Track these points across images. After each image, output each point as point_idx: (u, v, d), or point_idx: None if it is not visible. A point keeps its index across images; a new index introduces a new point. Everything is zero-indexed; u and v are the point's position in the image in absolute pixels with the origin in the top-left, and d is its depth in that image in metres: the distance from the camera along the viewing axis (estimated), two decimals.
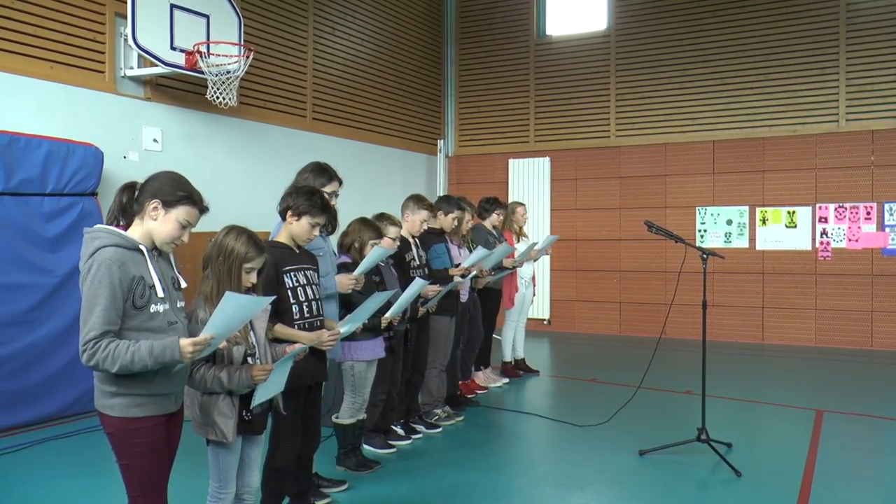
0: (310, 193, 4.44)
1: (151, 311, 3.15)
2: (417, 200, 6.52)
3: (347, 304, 5.09)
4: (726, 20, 12.27)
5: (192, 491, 4.47)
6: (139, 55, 7.99)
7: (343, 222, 5.43)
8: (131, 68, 8.09)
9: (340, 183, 5.18)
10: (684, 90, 12.54)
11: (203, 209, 3.31)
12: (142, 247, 3.20)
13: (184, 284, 3.39)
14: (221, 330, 3.13)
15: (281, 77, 10.33)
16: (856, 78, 11.48)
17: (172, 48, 8.03)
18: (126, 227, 3.26)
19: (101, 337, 3.01)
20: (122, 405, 3.13)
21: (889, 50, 11.28)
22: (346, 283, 5.08)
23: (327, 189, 5.01)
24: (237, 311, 3.14)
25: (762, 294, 12.00)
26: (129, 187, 3.30)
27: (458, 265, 7.07)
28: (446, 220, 7.16)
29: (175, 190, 3.23)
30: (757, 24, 12.06)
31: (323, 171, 5.10)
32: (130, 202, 3.27)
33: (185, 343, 3.03)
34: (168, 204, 3.21)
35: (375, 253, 5.27)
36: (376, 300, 4.48)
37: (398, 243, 6.01)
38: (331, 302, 4.96)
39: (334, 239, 5.42)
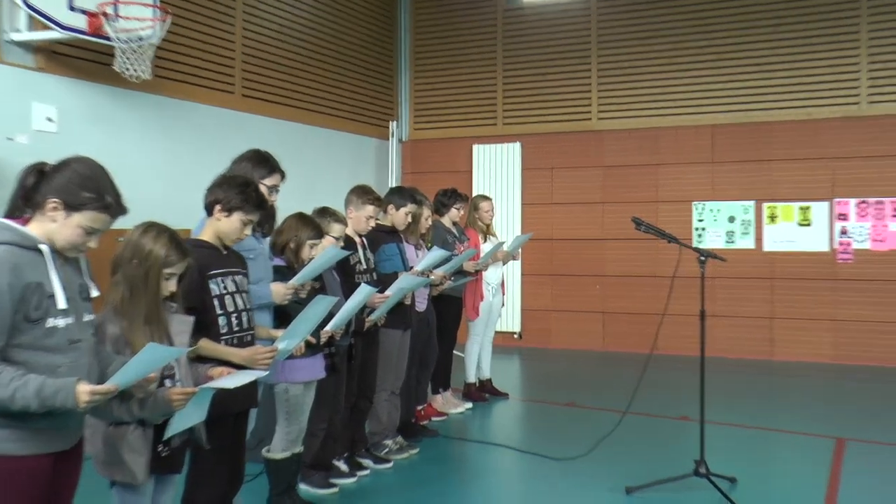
0: (243, 185, 4.42)
1: (49, 325, 3.01)
2: (363, 193, 6.50)
3: (284, 316, 5.07)
4: None
5: None
6: (29, 16, 7.85)
7: (280, 220, 5.41)
8: (18, 31, 7.93)
9: (283, 176, 5.16)
10: (678, 66, 12.66)
11: (116, 214, 3.19)
12: (42, 246, 3.05)
13: (94, 293, 3.29)
14: (131, 379, 3.10)
15: (204, 46, 10.25)
16: (880, 53, 11.66)
17: (71, 8, 7.89)
18: (28, 221, 3.11)
19: None
20: None
21: None
22: (283, 292, 5.05)
23: (268, 182, 5.00)
24: (157, 362, 3.15)
25: (771, 303, 12.14)
26: (38, 171, 3.14)
27: (411, 269, 7.07)
28: (398, 216, 7.15)
29: (80, 190, 3.08)
30: None
31: (264, 162, 5.09)
32: (37, 189, 3.12)
33: (84, 390, 2.93)
34: (70, 206, 3.06)
35: (326, 255, 5.25)
36: (318, 308, 4.45)
37: (342, 244, 6.00)
38: (264, 314, 4.93)
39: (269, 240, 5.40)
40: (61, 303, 3.05)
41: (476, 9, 13.97)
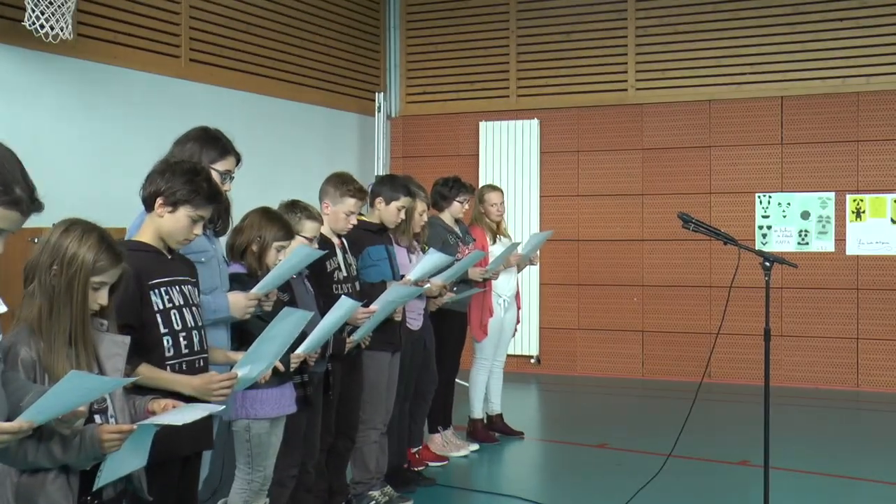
0: (191, 173, 4.43)
1: None
2: (341, 183, 6.50)
3: (244, 335, 5.10)
4: None
5: None
6: None
7: (237, 214, 5.44)
8: None
9: (238, 160, 5.20)
10: (739, 21, 12.69)
11: (28, 210, 3.14)
12: None
13: (2, 308, 3.28)
14: (50, 415, 3.11)
15: None
16: None
17: None
18: None
19: None
20: None
21: None
22: (243, 304, 5.07)
23: (219, 167, 5.03)
24: (83, 394, 3.15)
25: (856, 320, 12.17)
26: None
27: (403, 277, 7.10)
28: (389, 212, 7.15)
29: None
30: None
31: (214, 142, 5.11)
32: None
33: None
34: None
35: (297, 255, 5.28)
36: (287, 324, 4.47)
37: (317, 245, 6.03)
38: (219, 331, 4.96)
39: (224, 240, 5.44)
40: None
41: None
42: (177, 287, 4.40)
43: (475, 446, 8.96)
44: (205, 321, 4.59)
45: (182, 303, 4.38)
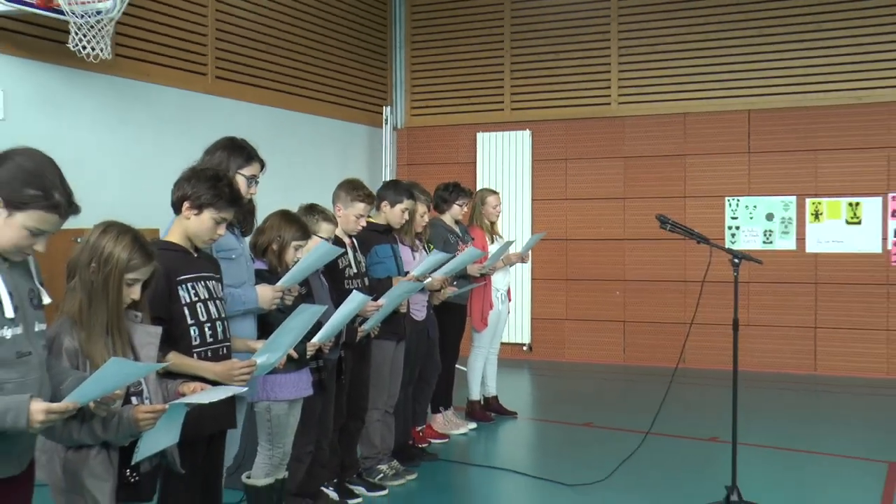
0: (214, 179, 4.43)
1: None
2: (352, 188, 6.52)
3: (265, 327, 5.10)
4: None
5: None
6: None
7: (259, 217, 5.44)
8: None
9: (263, 165, 5.19)
10: (711, 42, 12.67)
11: (66, 213, 3.16)
12: None
13: (46, 300, 3.30)
14: (92, 397, 3.12)
15: (172, 21, 10.27)
16: None
17: None
18: None
19: None
20: None
21: None
22: (270, 296, 5.08)
23: (246, 172, 5.03)
24: (122, 378, 3.16)
25: (814, 310, 12.16)
26: None
27: (407, 273, 7.11)
28: (394, 214, 7.16)
29: (24, 186, 3.05)
30: None
31: (240, 150, 5.11)
32: None
33: (38, 409, 2.94)
34: (13, 205, 3.04)
35: (318, 251, 5.29)
36: (302, 318, 4.47)
37: (323, 239, 6.04)
38: (247, 322, 4.97)
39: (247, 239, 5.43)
40: (8, 311, 3.06)
41: None
42: (202, 282, 4.41)
43: (473, 425, 8.95)
44: (235, 312, 4.65)
45: (207, 297, 4.39)
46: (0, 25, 8.35)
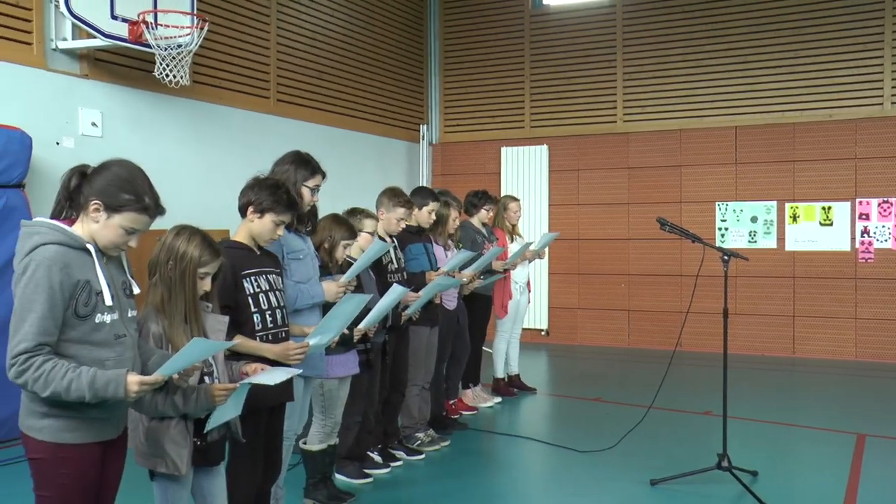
0: (274, 187, 4.44)
1: (97, 321, 3.11)
2: (393, 195, 6.54)
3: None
4: None
5: None
6: (73, 24, 7.92)
7: None
8: (64, 40, 8.02)
9: (324, 176, 5.19)
10: (702, 68, 12.58)
11: (154, 214, 3.24)
12: (89, 246, 3.14)
13: (136, 290, 3.36)
14: (176, 370, 3.18)
15: (240, 52, 10.30)
16: None
17: (113, 17, 7.95)
18: (73, 221, 3.19)
19: (34, 351, 2.95)
20: (52, 428, 3.08)
21: None
22: (335, 290, 5.07)
23: (310, 183, 5.02)
24: (201, 354, 3.24)
25: (793, 301, 12.05)
26: (80, 173, 3.21)
27: (439, 269, 7.09)
28: (422, 215, 7.11)
29: (120, 192, 3.14)
30: None
31: (305, 163, 5.09)
32: (79, 190, 3.19)
33: (133, 381, 3.02)
34: (111, 207, 3.13)
35: (375, 247, 5.32)
36: (348, 306, 4.48)
37: (377, 237, 6.06)
38: (314, 313, 4.98)
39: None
40: (108, 299, 3.14)
41: (503, 13, 13.95)
42: (263, 276, 4.42)
43: (498, 399, 8.92)
44: (304, 305, 4.75)
45: (268, 288, 4.41)
46: (99, 57, 8.43)
